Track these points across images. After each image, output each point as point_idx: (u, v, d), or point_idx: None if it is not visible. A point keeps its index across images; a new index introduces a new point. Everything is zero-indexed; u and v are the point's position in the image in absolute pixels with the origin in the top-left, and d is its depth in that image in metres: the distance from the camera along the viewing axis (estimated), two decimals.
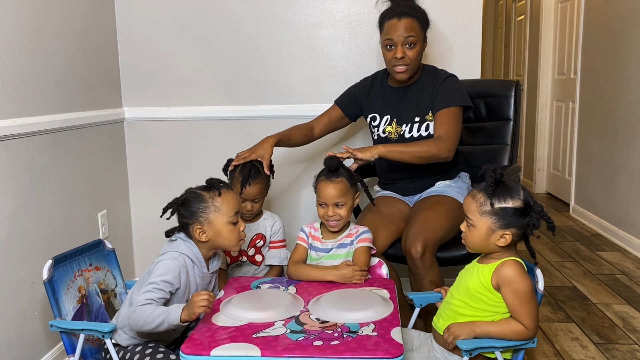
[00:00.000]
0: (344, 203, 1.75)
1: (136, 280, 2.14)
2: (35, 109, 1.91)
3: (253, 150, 1.94)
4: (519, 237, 1.41)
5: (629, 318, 2.39)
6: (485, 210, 1.38)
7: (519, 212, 1.37)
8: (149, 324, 1.39)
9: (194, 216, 1.54)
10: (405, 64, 1.95)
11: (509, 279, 1.36)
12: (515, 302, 1.35)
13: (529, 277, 1.38)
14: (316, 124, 2.17)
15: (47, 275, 1.55)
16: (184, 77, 2.58)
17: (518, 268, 1.37)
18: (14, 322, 1.79)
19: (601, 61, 3.76)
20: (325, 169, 1.78)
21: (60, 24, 2.08)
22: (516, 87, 2.28)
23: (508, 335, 1.36)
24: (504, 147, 2.26)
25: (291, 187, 2.62)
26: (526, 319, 1.35)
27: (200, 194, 1.55)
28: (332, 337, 1.30)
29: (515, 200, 1.37)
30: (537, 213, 1.37)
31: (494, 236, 1.38)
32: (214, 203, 1.54)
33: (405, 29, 1.92)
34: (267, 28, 2.53)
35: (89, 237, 2.15)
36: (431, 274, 1.80)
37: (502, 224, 1.37)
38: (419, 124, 2.03)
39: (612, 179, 3.60)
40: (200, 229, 1.54)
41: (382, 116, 2.09)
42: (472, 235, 1.42)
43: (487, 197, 1.38)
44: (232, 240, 1.56)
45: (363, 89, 2.16)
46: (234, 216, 1.55)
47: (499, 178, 1.38)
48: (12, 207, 1.79)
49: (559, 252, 3.32)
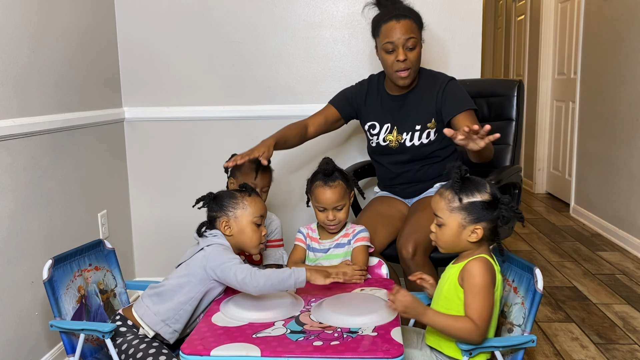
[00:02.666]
0: (343, 205, 1.76)
1: (136, 281, 2.14)
2: (35, 109, 1.91)
3: (251, 151, 1.85)
4: (490, 232, 1.40)
5: (629, 318, 2.39)
6: (455, 206, 1.38)
7: (488, 205, 1.37)
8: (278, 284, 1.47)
9: (223, 209, 1.64)
10: (408, 68, 1.90)
11: (469, 273, 1.35)
12: (469, 296, 1.34)
13: (490, 274, 1.36)
14: (311, 123, 2.10)
15: (47, 275, 1.55)
16: (184, 77, 2.58)
17: (482, 263, 1.35)
18: (14, 322, 1.79)
19: (601, 61, 3.76)
20: (319, 173, 1.78)
21: (60, 24, 2.08)
22: (519, 87, 2.26)
23: (453, 329, 1.33)
24: (505, 147, 2.24)
25: (285, 190, 2.62)
26: (475, 314, 1.32)
27: (233, 192, 1.68)
28: (332, 337, 1.30)
29: (482, 194, 1.38)
30: (505, 205, 1.38)
31: (465, 232, 1.38)
32: (243, 201, 1.65)
33: (405, 30, 1.88)
34: (267, 28, 2.53)
35: (89, 237, 2.15)
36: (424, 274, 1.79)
37: (472, 219, 1.37)
38: (420, 132, 1.99)
39: (612, 179, 3.60)
40: (227, 222, 1.63)
41: (382, 125, 2.05)
42: (443, 234, 1.41)
43: (455, 193, 1.38)
44: (253, 241, 1.65)
45: (360, 94, 2.10)
46: (259, 218, 1.65)
47: (464, 174, 1.39)
48: (12, 207, 1.79)
49: (559, 252, 3.32)
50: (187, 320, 1.57)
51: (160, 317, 1.56)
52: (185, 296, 1.55)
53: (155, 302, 1.58)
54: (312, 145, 2.31)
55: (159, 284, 1.61)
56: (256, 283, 1.46)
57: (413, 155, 2.03)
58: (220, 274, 1.52)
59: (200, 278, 1.55)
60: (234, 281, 1.49)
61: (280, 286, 1.48)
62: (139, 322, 1.58)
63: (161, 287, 1.60)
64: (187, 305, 1.56)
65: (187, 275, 1.57)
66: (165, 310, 1.56)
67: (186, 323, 1.58)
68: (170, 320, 1.56)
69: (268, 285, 1.47)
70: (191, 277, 1.56)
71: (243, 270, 1.48)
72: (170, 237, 2.69)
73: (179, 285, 1.57)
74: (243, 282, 1.47)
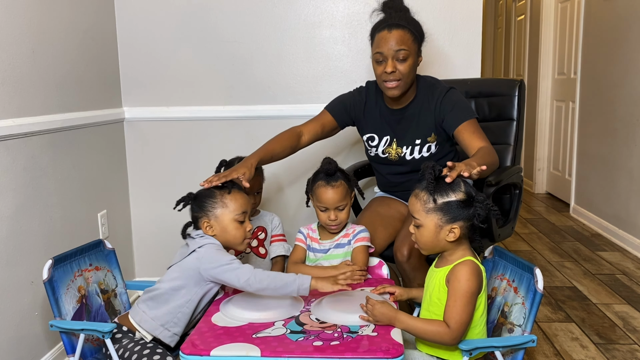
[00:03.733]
0: (344, 205, 1.77)
1: (136, 281, 2.14)
2: (35, 109, 1.91)
3: (230, 172, 1.69)
4: (467, 230, 1.40)
5: (629, 318, 2.39)
6: (430, 207, 1.39)
7: (463, 204, 1.38)
8: (281, 289, 1.47)
9: (203, 210, 1.61)
10: (397, 79, 1.82)
11: (455, 277, 1.36)
12: (451, 299, 1.35)
13: (476, 280, 1.36)
14: (306, 132, 2.00)
15: (47, 275, 1.55)
16: (184, 77, 2.58)
17: (469, 268, 1.36)
18: (14, 322, 1.79)
19: (601, 61, 3.76)
20: (321, 172, 1.78)
21: (60, 24, 2.08)
22: (520, 86, 2.23)
23: (428, 333, 1.34)
24: (506, 147, 2.23)
25: (281, 190, 2.62)
26: (452, 318, 1.32)
27: (212, 190, 1.63)
28: (332, 337, 1.30)
29: (457, 193, 1.38)
30: (480, 202, 1.38)
31: (443, 232, 1.39)
32: (222, 199, 1.61)
33: (396, 41, 1.79)
34: (267, 28, 2.53)
35: (89, 237, 2.15)
36: (419, 277, 1.78)
37: (449, 219, 1.38)
38: (420, 147, 1.95)
39: (612, 179, 3.60)
40: (208, 223, 1.61)
41: (381, 137, 2.00)
42: (421, 235, 1.42)
43: (430, 194, 1.39)
44: (237, 238, 1.62)
45: (358, 104, 2.02)
46: (241, 215, 1.61)
47: (438, 174, 1.39)
48: (12, 207, 1.79)
49: (559, 252, 3.32)
50: (186, 323, 1.57)
51: (158, 322, 1.55)
52: (183, 299, 1.55)
53: (151, 307, 1.57)
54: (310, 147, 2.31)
55: (153, 288, 1.60)
56: (259, 285, 1.46)
57: (413, 167, 1.98)
58: (219, 277, 1.51)
59: (196, 280, 1.55)
60: (237, 284, 1.49)
61: (282, 290, 1.47)
62: (137, 328, 1.57)
63: (156, 291, 1.58)
64: (184, 308, 1.55)
65: (181, 277, 1.56)
66: (163, 314, 1.55)
67: (185, 325, 1.58)
68: (169, 324, 1.55)
69: (271, 288, 1.47)
70: (186, 280, 1.55)
71: (245, 272, 1.48)
72: (170, 237, 2.67)
73: (175, 289, 1.56)
74: (247, 283, 1.47)
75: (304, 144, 2.00)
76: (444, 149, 1.99)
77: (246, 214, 1.64)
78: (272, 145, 1.91)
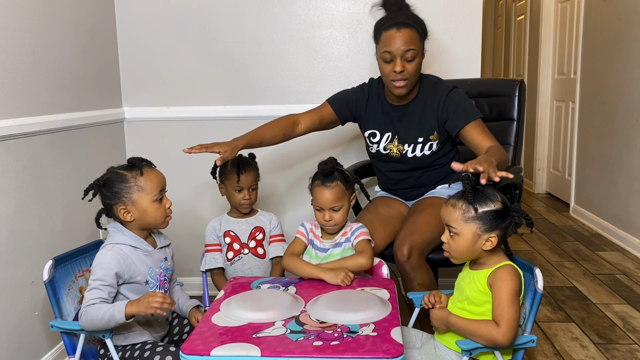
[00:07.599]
0: (340, 207, 1.74)
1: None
2: (35, 109, 1.92)
3: (213, 145, 1.75)
4: (501, 239, 1.42)
5: (629, 318, 2.39)
6: (470, 216, 1.39)
7: (500, 213, 1.39)
8: (99, 322, 1.42)
9: (117, 197, 1.54)
10: (404, 78, 1.83)
11: (499, 278, 1.37)
12: (497, 301, 1.35)
13: (518, 282, 1.37)
14: (303, 120, 2.00)
15: (48, 275, 1.55)
16: (184, 77, 2.58)
17: (511, 270, 1.38)
18: (14, 322, 1.79)
19: (601, 61, 3.77)
20: (319, 173, 1.77)
21: (60, 24, 2.08)
22: (520, 86, 2.23)
23: (477, 333, 1.35)
24: (506, 147, 2.22)
25: (280, 190, 2.63)
26: (501, 316, 1.33)
27: (122, 173, 1.55)
28: (332, 337, 1.30)
29: (495, 203, 1.40)
30: (517, 212, 1.40)
31: (480, 241, 1.40)
32: (137, 183, 1.54)
33: (404, 41, 1.78)
34: (267, 28, 2.53)
35: (89, 237, 2.15)
36: (420, 276, 1.79)
37: (487, 228, 1.39)
38: (422, 145, 1.95)
39: (612, 179, 3.60)
40: (125, 209, 1.54)
41: (383, 134, 2.00)
42: (457, 244, 1.42)
43: (469, 203, 1.39)
44: (158, 218, 1.58)
45: (361, 100, 2.03)
46: (159, 194, 1.56)
47: (475, 184, 1.40)
48: (12, 207, 1.79)
49: (559, 252, 3.32)
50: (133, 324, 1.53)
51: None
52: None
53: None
54: (310, 145, 2.31)
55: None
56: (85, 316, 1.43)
57: (414, 165, 2.00)
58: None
59: None
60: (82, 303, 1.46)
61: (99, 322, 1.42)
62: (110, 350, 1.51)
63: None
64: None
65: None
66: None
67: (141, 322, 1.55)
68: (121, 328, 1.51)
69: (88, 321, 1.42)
70: None
71: (87, 299, 1.44)
72: (169, 237, 2.69)
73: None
74: (83, 310, 1.44)
75: (299, 132, 2.01)
76: (445, 147, 1.99)
77: (164, 191, 1.58)
78: (263, 130, 1.92)
